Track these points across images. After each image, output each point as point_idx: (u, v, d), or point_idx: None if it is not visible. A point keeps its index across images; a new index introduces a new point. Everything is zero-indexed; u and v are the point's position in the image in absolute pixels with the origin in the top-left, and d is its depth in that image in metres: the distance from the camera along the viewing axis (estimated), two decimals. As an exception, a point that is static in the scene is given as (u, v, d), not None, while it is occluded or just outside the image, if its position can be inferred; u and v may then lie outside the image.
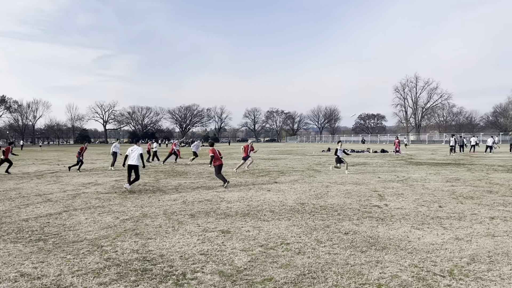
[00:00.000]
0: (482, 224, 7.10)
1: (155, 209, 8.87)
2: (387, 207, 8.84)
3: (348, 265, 4.95)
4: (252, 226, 7.12)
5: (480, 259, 5.14)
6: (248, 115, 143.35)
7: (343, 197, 10.32)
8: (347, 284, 4.33)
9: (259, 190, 11.71)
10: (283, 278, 4.51)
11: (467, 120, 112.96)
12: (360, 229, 6.80)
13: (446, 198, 9.89)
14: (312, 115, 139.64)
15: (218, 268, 4.88)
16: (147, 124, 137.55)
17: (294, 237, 6.31)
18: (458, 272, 4.66)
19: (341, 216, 7.93)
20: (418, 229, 6.79)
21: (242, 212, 8.38)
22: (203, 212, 8.47)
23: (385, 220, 7.48)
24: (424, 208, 8.67)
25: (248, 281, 4.44)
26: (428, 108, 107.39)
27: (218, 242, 6.07)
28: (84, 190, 12.11)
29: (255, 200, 9.97)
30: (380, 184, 12.85)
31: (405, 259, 5.16)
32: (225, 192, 11.34)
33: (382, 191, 11.24)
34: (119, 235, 6.50)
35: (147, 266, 4.94)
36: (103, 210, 8.75)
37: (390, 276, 4.55)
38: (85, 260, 5.21)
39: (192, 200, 10.07)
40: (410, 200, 9.67)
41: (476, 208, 8.60)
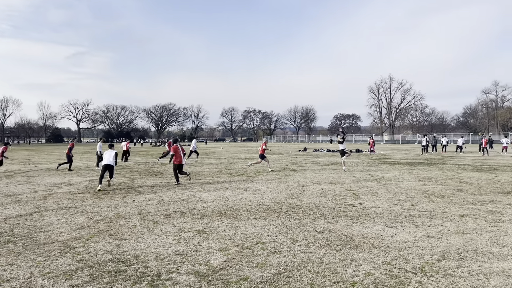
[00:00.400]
0: (452, 222, 7.30)
1: (130, 209, 8.74)
2: (362, 206, 8.99)
3: (323, 264, 5.00)
4: (229, 225, 7.11)
5: (450, 256, 5.28)
6: (225, 115, 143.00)
7: (318, 196, 10.43)
8: (322, 282, 4.38)
9: (236, 190, 11.70)
10: (259, 278, 4.52)
11: (439, 121, 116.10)
12: (335, 228, 6.89)
13: (418, 197, 10.13)
14: (289, 115, 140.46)
15: (193, 268, 4.85)
16: (122, 123, 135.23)
17: (270, 236, 6.34)
18: (429, 269, 4.78)
19: (317, 215, 8.01)
20: (391, 227, 6.93)
21: (218, 212, 8.35)
22: (179, 212, 8.40)
23: (359, 219, 7.60)
24: (397, 206, 8.85)
25: (224, 281, 4.43)
26: (401, 109, 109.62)
27: (194, 242, 6.03)
28: (56, 190, 11.81)
29: (231, 199, 9.96)
30: (355, 183, 13.04)
31: (378, 257, 5.26)
32: (201, 192, 11.28)
33: (356, 190, 11.42)
34: (92, 236, 6.37)
35: (121, 267, 4.86)
36: (76, 211, 8.56)
37: (364, 274, 4.62)
38: (57, 262, 5.09)
39: (168, 200, 9.97)
40: (384, 199, 9.85)
41: (447, 206, 8.84)
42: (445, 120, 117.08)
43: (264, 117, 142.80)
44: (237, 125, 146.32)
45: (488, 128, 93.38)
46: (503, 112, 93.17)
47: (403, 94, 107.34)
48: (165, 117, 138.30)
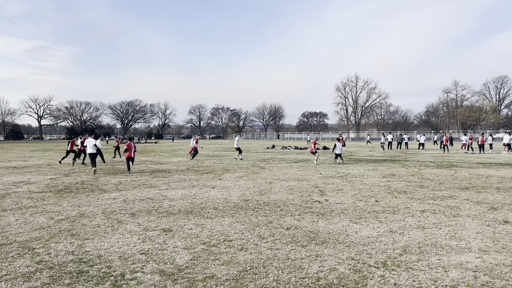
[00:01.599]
0: (413, 217, 7.54)
1: (94, 208, 8.51)
2: (328, 202, 9.13)
3: (289, 260, 5.05)
4: (195, 223, 7.05)
5: (411, 250, 5.45)
6: (193, 112, 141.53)
7: (285, 193, 10.52)
8: (288, 278, 4.42)
9: (203, 188, 11.62)
10: (225, 275, 4.51)
11: (403, 119, 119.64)
12: (301, 224, 6.96)
13: (382, 193, 10.40)
14: (257, 113, 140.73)
15: (158, 267, 4.78)
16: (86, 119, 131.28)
17: (237, 234, 6.33)
18: (391, 263, 4.92)
19: (284, 211, 8.08)
20: (356, 223, 7.08)
21: (185, 210, 8.27)
22: (144, 210, 8.25)
23: (325, 215, 7.72)
24: (362, 203, 9.05)
25: (190, 279, 4.39)
26: (367, 107, 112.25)
27: (160, 241, 5.94)
28: (14, 190, 11.35)
29: (198, 197, 9.88)
30: (321, 180, 13.24)
31: (343, 252, 5.36)
32: (168, 190, 11.13)
33: (323, 187, 11.59)
34: (53, 236, 6.17)
35: (83, 268, 4.73)
36: (36, 210, 8.26)
37: (328, 269, 4.70)
38: (15, 263, 4.89)
39: (133, 198, 9.78)
40: (349, 195, 10.05)
41: (409, 202, 9.12)
42: (408, 118, 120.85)
43: (233, 114, 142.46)
44: (206, 122, 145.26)
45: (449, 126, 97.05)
46: (463, 110, 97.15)
47: (368, 93, 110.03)
48: (131, 114, 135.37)
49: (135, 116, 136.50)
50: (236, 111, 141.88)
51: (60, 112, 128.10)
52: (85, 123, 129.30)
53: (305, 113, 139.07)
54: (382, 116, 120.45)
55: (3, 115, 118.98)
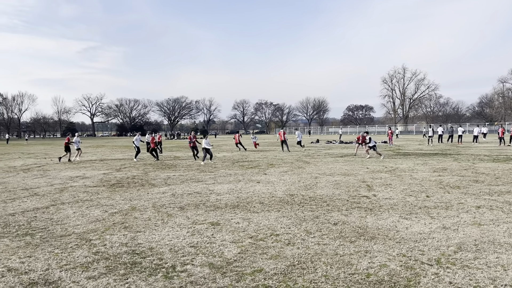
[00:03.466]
0: (468, 213, 7.20)
1: (144, 202, 8.82)
2: (376, 197, 8.92)
3: (337, 255, 4.98)
4: (242, 218, 7.12)
5: (467, 247, 5.21)
6: (237, 107, 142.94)
7: (332, 188, 10.38)
8: (337, 274, 4.37)
9: (249, 182, 11.71)
10: (273, 269, 4.52)
11: (454, 111, 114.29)
12: (349, 220, 6.85)
13: (434, 188, 10.01)
14: (301, 107, 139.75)
15: (208, 260, 4.87)
16: (135, 116, 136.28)
17: (284, 228, 6.33)
18: (445, 260, 4.73)
19: (330, 207, 7.98)
20: (406, 218, 6.86)
21: (231, 204, 8.37)
22: (192, 204, 8.44)
23: (373, 211, 7.54)
24: (412, 198, 8.76)
25: (238, 272, 4.44)
26: (415, 99, 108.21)
27: (208, 234, 6.06)
28: (71, 184, 11.98)
29: (244, 192, 9.97)
30: (368, 175, 12.95)
31: (393, 249, 5.21)
32: (214, 185, 11.32)
33: (370, 182, 11.33)
34: (107, 229, 6.45)
35: (137, 259, 4.91)
36: (91, 204, 8.67)
37: (378, 266, 4.59)
38: (73, 254, 5.16)
39: (182, 192, 10.03)
40: (398, 190, 9.76)
41: (463, 197, 8.71)
42: (460, 110, 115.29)
43: (276, 109, 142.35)
44: (249, 117, 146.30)
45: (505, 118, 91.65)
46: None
47: (416, 84, 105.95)
48: (177, 111, 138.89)
49: (181, 113, 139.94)
50: (279, 106, 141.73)
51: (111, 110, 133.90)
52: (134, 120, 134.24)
53: (350, 107, 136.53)
54: (431, 108, 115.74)
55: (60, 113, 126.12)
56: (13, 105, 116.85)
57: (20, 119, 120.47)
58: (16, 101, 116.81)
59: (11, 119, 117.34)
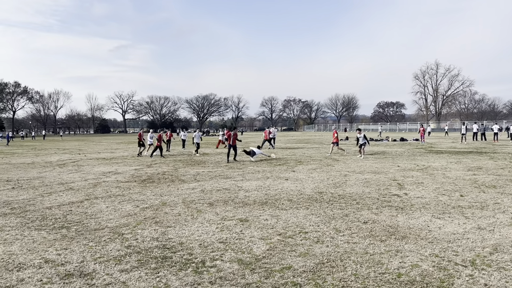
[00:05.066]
0: (505, 213, 6.94)
1: (174, 197, 8.97)
2: (407, 196, 8.73)
3: (367, 254, 4.91)
4: (270, 214, 7.13)
5: (503, 249, 5.03)
6: (265, 104, 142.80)
7: (361, 186, 10.24)
8: (367, 273, 4.31)
9: (277, 179, 11.71)
10: (302, 267, 4.51)
11: (490, 108, 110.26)
12: (379, 218, 6.74)
13: (468, 187, 9.71)
14: (330, 104, 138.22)
15: (237, 256, 4.91)
16: (165, 113, 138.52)
17: (313, 226, 6.30)
18: (480, 262, 4.58)
19: (360, 205, 7.87)
20: (438, 218, 6.69)
21: (260, 201, 8.39)
22: (221, 200, 8.52)
23: (404, 209, 7.39)
24: (445, 197, 8.53)
25: (267, 269, 4.46)
26: (449, 96, 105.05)
27: (237, 230, 6.10)
28: (104, 179, 12.32)
29: (272, 189, 9.98)
30: (399, 173, 12.69)
31: (425, 249, 5.10)
32: (243, 181, 11.38)
33: (401, 180, 11.10)
34: (139, 223, 6.60)
35: (167, 254, 5.01)
36: (123, 199, 8.89)
37: (410, 266, 4.50)
38: (107, 247, 5.32)
39: (211, 189, 10.14)
40: (430, 189, 9.52)
41: (499, 197, 8.41)
42: (496, 106, 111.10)
43: (305, 106, 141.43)
44: (277, 114, 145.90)
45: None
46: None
47: (450, 80, 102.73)
48: (206, 108, 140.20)
49: (210, 110, 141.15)
50: (307, 103, 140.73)
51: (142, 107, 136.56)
52: (164, 116, 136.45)
53: (380, 103, 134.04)
54: (465, 105, 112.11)
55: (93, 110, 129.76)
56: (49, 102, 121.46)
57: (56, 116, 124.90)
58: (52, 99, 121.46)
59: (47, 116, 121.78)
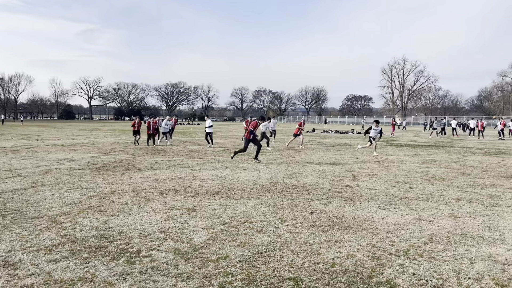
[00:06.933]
0: (447, 205, 7.16)
1: (125, 186, 8.75)
2: (358, 187, 8.87)
3: (306, 244, 4.93)
4: (220, 204, 7.07)
5: (438, 239, 5.17)
6: (235, 94, 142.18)
7: (317, 176, 10.33)
8: (302, 263, 4.32)
9: (235, 169, 11.65)
10: (239, 257, 4.47)
11: (453, 103, 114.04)
12: (326, 209, 6.80)
13: (418, 180, 9.97)
14: (300, 96, 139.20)
15: (175, 246, 4.82)
16: (133, 101, 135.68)
17: (259, 216, 6.28)
18: (413, 252, 4.68)
19: (311, 195, 7.93)
20: (384, 209, 6.82)
21: (212, 191, 8.31)
22: (173, 190, 8.38)
23: (353, 200, 7.50)
24: (395, 189, 8.72)
25: (203, 259, 4.39)
26: (414, 91, 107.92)
27: (181, 220, 6.00)
28: (57, 166, 11.90)
29: (228, 178, 9.91)
30: (356, 165, 12.89)
31: (364, 239, 5.17)
32: (200, 171, 11.26)
33: (357, 172, 11.28)
34: (81, 212, 6.39)
35: (103, 243, 4.86)
36: (71, 186, 8.60)
37: (345, 255, 4.54)
38: (40, 236, 5.10)
39: (165, 178, 9.97)
40: (382, 181, 9.71)
41: (445, 189, 8.67)
42: (459, 102, 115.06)
43: (275, 97, 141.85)
44: (248, 105, 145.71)
45: (503, 112, 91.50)
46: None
47: (416, 76, 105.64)
48: (175, 96, 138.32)
49: (179, 98, 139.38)
50: (278, 94, 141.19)
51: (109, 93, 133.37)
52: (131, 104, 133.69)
53: (349, 97, 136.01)
54: (430, 101, 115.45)
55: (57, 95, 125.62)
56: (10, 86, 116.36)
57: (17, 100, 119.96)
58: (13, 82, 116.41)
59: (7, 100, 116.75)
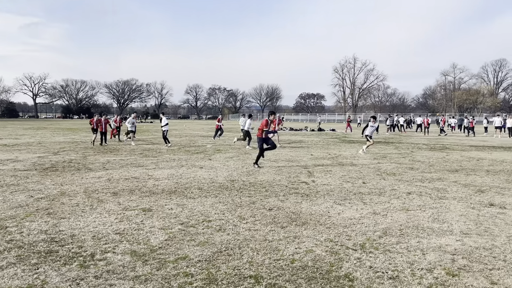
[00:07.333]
0: (399, 199, 7.44)
1: (76, 187, 8.37)
2: (314, 183, 9.02)
3: (266, 241, 4.94)
4: (177, 203, 6.93)
5: (392, 232, 5.36)
6: (189, 92, 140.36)
7: (273, 174, 10.40)
8: (262, 260, 4.32)
9: (191, 168, 11.49)
10: (198, 256, 4.40)
11: (400, 101, 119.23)
12: (284, 205, 6.86)
13: (371, 175, 10.30)
14: (255, 93, 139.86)
15: (131, 247, 4.66)
16: (82, 98, 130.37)
17: (218, 214, 6.22)
18: (369, 245, 4.82)
19: (269, 192, 7.97)
20: (339, 204, 6.97)
21: (168, 190, 8.14)
22: (127, 190, 8.12)
23: (310, 196, 7.61)
24: (349, 184, 8.95)
25: (161, 260, 4.28)
26: (365, 89, 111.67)
27: (137, 221, 5.82)
28: (0, 167, 11.18)
29: (185, 177, 9.75)
30: (311, 161, 13.12)
31: (322, 234, 5.25)
32: (155, 170, 10.99)
33: (312, 168, 11.48)
34: (29, 215, 6.03)
35: (54, 248, 4.61)
36: (17, 189, 8.11)
37: (304, 251, 4.60)
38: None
39: (118, 177, 9.64)
40: (337, 177, 9.94)
41: (397, 184, 9.02)
42: (406, 100, 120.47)
43: (230, 95, 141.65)
44: (202, 102, 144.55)
45: (446, 109, 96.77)
46: (460, 93, 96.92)
47: (366, 74, 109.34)
48: (127, 93, 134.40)
49: (131, 96, 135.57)
50: (233, 92, 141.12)
51: (56, 91, 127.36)
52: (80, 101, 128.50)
53: (302, 95, 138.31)
54: (379, 98, 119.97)
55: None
56: None
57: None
58: None
59: None
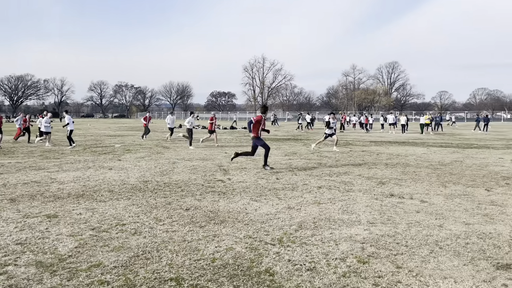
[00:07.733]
0: (311, 193, 7.80)
1: (-36, 195, 7.42)
2: (230, 181, 9.08)
3: (185, 242, 4.85)
4: (86, 208, 6.49)
5: (307, 225, 5.59)
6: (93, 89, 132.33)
7: (188, 173, 10.25)
8: (182, 261, 4.22)
9: (99, 169, 10.84)
10: (113, 262, 4.16)
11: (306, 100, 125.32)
12: (201, 204, 6.79)
13: (283, 171, 10.65)
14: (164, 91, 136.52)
15: (36, 258, 4.25)
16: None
17: (132, 217, 5.95)
18: (286, 239, 4.98)
19: (185, 192, 7.83)
20: (256, 201, 7.10)
21: (75, 194, 7.59)
22: (27, 195, 7.40)
23: (226, 194, 7.64)
24: (263, 180, 9.16)
25: (71, 269, 3.96)
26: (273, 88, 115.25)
27: (41, 228, 5.33)
28: None
29: (93, 180, 9.17)
30: (226, 159, 13.18)
31: (241, 231, 5.30)
32: (58, 173, 10.18)
33: (227, 166, 11.53)
34: None
35: None
36: None
37: (225, 249, 4.60)
38: None
39: (16, 182, 8.75)
40: (251, 174, 10.11)
41: (308, 179, 9.44)
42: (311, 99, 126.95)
43: (138, 92, 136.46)
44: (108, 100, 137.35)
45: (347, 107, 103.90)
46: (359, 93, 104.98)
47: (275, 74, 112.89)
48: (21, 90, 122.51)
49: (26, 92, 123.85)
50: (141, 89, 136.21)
51: None
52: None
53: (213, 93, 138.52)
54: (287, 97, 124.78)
55: None
56: None
57: None
58: None
59: None
